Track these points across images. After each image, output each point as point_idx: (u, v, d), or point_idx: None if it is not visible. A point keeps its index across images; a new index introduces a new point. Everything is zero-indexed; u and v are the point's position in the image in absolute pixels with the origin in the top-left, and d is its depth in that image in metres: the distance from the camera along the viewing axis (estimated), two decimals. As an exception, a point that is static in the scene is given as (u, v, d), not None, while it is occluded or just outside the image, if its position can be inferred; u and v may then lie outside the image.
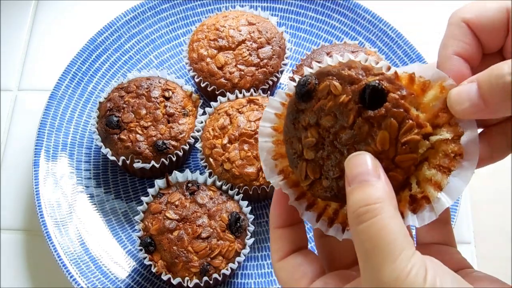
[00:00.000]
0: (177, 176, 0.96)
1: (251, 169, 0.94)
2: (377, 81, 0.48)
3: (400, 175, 0.48)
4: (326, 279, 0.50)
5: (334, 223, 0.52)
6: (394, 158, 0.47)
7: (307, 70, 0.52)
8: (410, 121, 0.47)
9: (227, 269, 0.89)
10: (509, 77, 0.42)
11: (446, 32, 0.51)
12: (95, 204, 1.04)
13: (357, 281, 0.47)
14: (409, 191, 0.49)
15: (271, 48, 1.07)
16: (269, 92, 1.08)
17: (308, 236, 0.57)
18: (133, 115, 1.01)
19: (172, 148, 1.00)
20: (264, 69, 1.05)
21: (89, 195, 1.05)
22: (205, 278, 0.87)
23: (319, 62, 0.51)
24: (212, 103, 1.03)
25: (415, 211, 0.48)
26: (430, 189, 0.48)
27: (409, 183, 0.49)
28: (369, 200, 0.43)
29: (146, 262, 0.89)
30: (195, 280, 0.87)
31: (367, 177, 0.45)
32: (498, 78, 0.43)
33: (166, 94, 1.03)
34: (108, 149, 1.00)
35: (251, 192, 0.95)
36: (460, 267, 0.52)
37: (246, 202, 0.94)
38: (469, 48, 0.50)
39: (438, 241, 0.55)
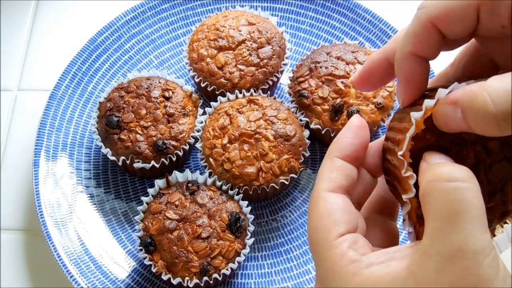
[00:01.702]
0: (177, 176, 0.96)
1: (251, 169, 0.94)
2: None
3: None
4: (358, 239, 0.45)
5: None
6: None
7: None
8: None
9: (227, 269, 0.89)
10: (492, 108, 0.38)
11: (410, 28, 0.48)
12: (95, 204, 1.04)
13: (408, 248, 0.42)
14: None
15: (271, 48, 1.07)
16: (269, 92, 1.08)
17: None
18: (133, 115, 1.01)
19: (172, 148, 1.00)
20: (264, 69, 1.05)
21: (89, 195, 1.05)
22: (205, 278, 0.87)
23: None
24: (212, 103, 1.03)
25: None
26: None
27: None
28: (462, 176, 0.39)
29: (146, 262, 0.89)
30: (195, 280, 0.87)
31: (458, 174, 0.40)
32: (483, 110, 0.39)
33: (166, 94, 1.03)
34: (108, 149, 1.00)
35: (251, 192, 0.95)
36: None
37: (246, 202, 0.94)
38: (430, 49, 0.48)
39: None
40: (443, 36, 0.46)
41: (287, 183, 0.95)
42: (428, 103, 0.45)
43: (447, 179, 0.39)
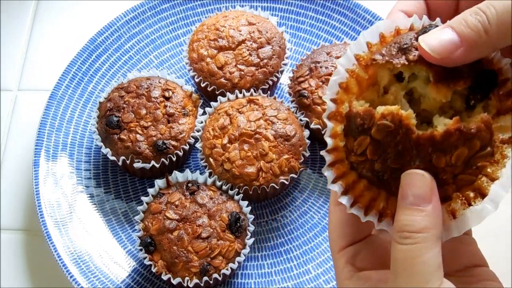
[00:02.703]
0: (177, 176, 0.96)
1: (251, 169, 0.94)
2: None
3: (452, 190, 0.49)
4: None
5: (380, 215, 0.52)
6: (458, 174, 0.48)
7: None
8: (489, 149, 0.47)
9: (227, 269, 0.89)
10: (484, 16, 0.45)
11: None
12: (95, 204, 1.04)
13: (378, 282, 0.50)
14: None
15: (271, 48, 1.07)
16: (269, 92, 1.08)
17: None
18: (133, 115, 1.01)
19: (172, 148, 1.00)
20: (264, 69, 1.05)
21: (89, 195, 1.05)
22: (205, 278, 0.87)
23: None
24: (212, 103, 1.03)
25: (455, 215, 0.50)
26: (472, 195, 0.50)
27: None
28: (415, 227, 0.45)
29: (146, 262, 0.89)
30: (195, 280, 0.87)
31: (419, 202, 0.46)
32: (475, 14, 0.45)
33: (166, 94, 1.03)
34: (108, 149, 1.00)
35: (251, 192, 0.95)
36: (471, 262, 0.53)
37: (246, 202, 0.94)
38: (418, 9, 0.53)
39: None
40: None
41: (287, 183, 0.95)
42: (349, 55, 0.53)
43: (404, 236, 0.45)
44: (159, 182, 0.95)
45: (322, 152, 0.53)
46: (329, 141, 0.52)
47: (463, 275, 0.52)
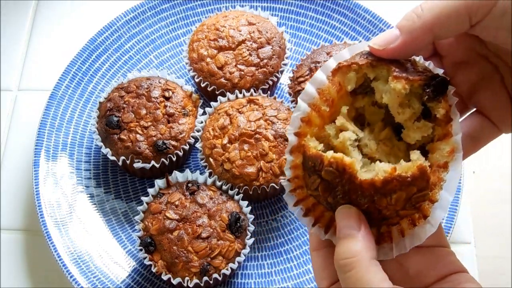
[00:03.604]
0: (177, 176, 0.96)
1: (251, 169, 0.94)
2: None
3: (396, 220, 0.55)
4: None
5: (330, 228, 0.58)
6: (399, 210, 0.54)
7: None
8: (426, 191, 0.53)
9: (227, 269, 0.89)
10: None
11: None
12: (95, 204, 1.04)
13: None
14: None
15: (271, 48, 1.07)
16: (269, 92, 1.08)
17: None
18: (133, 115, 1.01)
19: (172, 148, 1.00)
20: (264, 69, 1.05)
21: (89, 195, 1.05)
22: (205, 278, 0.87)
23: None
24: (212, 103, 1.03)
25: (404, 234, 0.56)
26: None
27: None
28: (348, 253, 0.51)
29: (146, 262, 0.89)
30: (195, 280, 0.87)
31: (349, 231, 0.53)
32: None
33: (166, 94, 1.03)
34: (108, 149, 1.00)
35: (251, 192, 0.95)
36: (450, 270, 0.56)
37: (246, 202, 0.94)
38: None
39: (431, 244, 0.59)
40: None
41: (287, 183, 0.95)
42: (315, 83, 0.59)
43: (344, 264, 0.51)
44: (159, 182, 0.95)
45: (283, 182, 0.59)
46: (288, 172, 0.58)
47: (444, 282, 0.56)
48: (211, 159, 0.96)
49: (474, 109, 0.62)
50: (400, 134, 0.57)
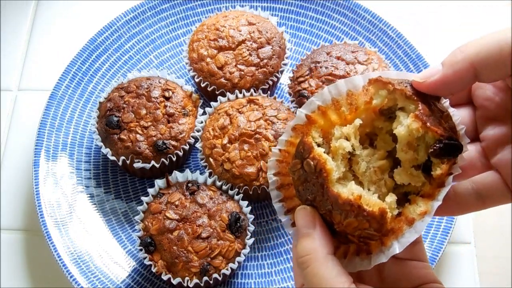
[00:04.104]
0: (177, 176, 0.96)
1: (251, 169, 0.94)
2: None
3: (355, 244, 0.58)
4: None
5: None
6: (348, 233, 0.57)
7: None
8: (377, 235, 0.56)
9: (227, 269, 0.89)
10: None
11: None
12: (95, 204, 1.04)
13: None
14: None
15: (271, 48, 1.07)
16: (269, 92, 1.08)
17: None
18: (133, 115, 1.01)
19: (172, 148, 1.00)
20: (264, 69, 1.05)
21: (89, 195, 1.05)
22: (205, 278, 0.87)
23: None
24: (212, 103, 1.03)
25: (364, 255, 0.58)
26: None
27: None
28: (304, 251, 0.54)
29: (146, 262, 0.89)
30: (195, 280, 0.87)
31: (305, 230, 0.56)
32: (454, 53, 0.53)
33: (166, 94, 1.03)
34: (108, 149, 1.00)
35: (251, 192, 0.95)
36: (423, 281, 0.59)
37: (246, 202, 0.94)
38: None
39: (410, 257, 0.62)
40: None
41: (287, 183, 0.95)
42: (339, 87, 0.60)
43: (301, 262, 0.54)
44: (159, 182, 0.95)
45: (273, 148, 0.63)
46: (281, 143, 0.62)
47: None
48: (211, 159, 0.96)
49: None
50: (395, 169, 0.58)
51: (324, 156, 0.56)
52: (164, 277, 0.88)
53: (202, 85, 1.06)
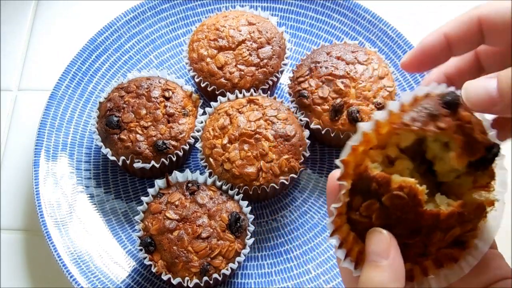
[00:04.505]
0: (177, 176, 0.96)
1: (251, 169, 0.94)
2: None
3: (430, 257, 0.54)
4: None
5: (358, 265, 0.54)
6: (442, 248, 0.53)
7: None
8: (475, 232, 0.53)
9: (227, 269, 0.89)
10: None
11: (458, 16, 0.54)
12: (95, 204, 1.04)
13: None
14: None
15: (271, 48, 1.07)
16: (269, 92, 1.08)
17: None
18: (133, 115, 1.01)
19: (172, 148, 1.00)
20: (264, 69, 1.05)
21: (89, 195, 1.05)
22: (205, 278, 0.87)
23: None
24: (212, 103, 1.03)
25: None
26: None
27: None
28: (371, 283, 0.48)
29: (146, 262, 0.89)
30: (195, 280, 0.87)
31: (377, 258, 0.49)
32: None
33: (166, 94, 1.03)
34: (108, 149, 1.00)
35: (251, 192, 0.95)
36: (497, 276, 0.54)
37: (246, 202, 0.94)
38: (463, 35, 0.55)
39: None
40: (479, 37, 0.52)
41: (287, 183, 0.95)
42: (378, 115, 0.51)
43: (364, 286, 0.48)
44: (159, 182, 0.95)
45: (332, 207, 0.54)
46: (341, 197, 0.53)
47: None
48: (211, 159, 0.96)
49: None
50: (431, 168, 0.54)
51: (409, 179, 0.50)
52: (164, 277, 0.88)
53: (202, 85, 1.06)
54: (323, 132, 1.01)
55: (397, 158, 0.53)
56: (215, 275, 0.88)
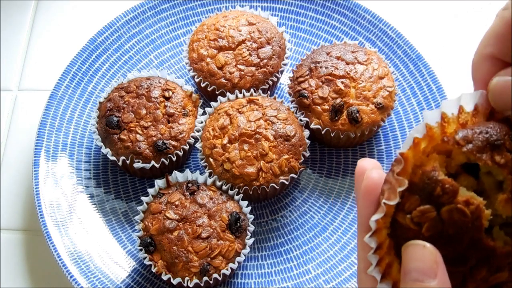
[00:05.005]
0: (177, 176, 0.96)
1: (251, 169, 0.94)
2: None
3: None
4: None
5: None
6: (489, 277, 0.45)
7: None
8: None
9: (227, 269, 0.89)
10: None
11: (491, 28, 0.47)
12: (95, 204, 1.04)
13: None
14: None
15: (271, 48, 1.07)
16: (269, 92, 1.08)
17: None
18: (133, 115, 1.01)
19: (172, 148, 1.00)
20: (264, 69, 1.05)
21: (89, 195, 1.05)
22: (205, 278, 0.87)
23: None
24: (212, 103, 1.03)
25: None
26: None
27: None
28: None
29: (146, 262, 0.89)
30: (195, 280, 0.87)
31: (420, 276, 0.42)
32: None
33: (166, 94, 1.03)
34: (108, 149, 1.00)
35: (251, 192, 0.95)
36: None
37: (246, 202, 0.94)
38: (509, 51, 0.46)
39: None
40: None
41: (287, 183, 0.95)
42: (446, 106, 0.45)
43: None
44: (159, 182, 0.95)
45: (373, 218, 0.48)
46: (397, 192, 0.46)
47: None
48: (211, 159, 0.96)
49: None
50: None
51: (478, 197, 0.43)
52: (164, 277, 0.88)
53: (202, 85, 1.06)
54: (323, 132, 1.01)
55: (458, 172, 0.46)
56: (215, 275, 0.88)
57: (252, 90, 1.03)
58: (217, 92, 1.05)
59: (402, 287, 0.43)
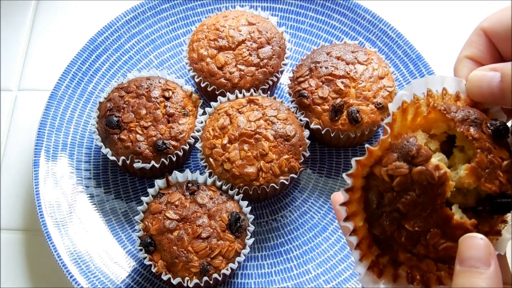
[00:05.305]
0: (177, 176, 0.96)
1: (251, 169, 0.94)
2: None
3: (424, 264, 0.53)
4: None
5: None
6: (425, 257, 0.52)
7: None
8: None
9: (227, 269, 0.89)
10: None
11: (467, 39, 0.58)
12: (95, 204, 1.04)
13: None
14: None
15: (271, 48, 1.07)
16: (269, 92, 1.08)
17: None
18: (133, 115, 1.01)
19: (172, 148, 1.00)
20: (264, 69, 1.05)
21: (89, 195, 1.05)
22: (205, 278, 0.87)
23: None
24: (212, 103, 1.03)
25: None
26: None
27: None
28: None
29: (146, 262, 0.89)
30: (195, 280, 0.87)
31: (477, 264, 0.47)
32: None
33: (166, 94, 1.03)
34: (108, 149, 1.00)
35: (251, 192, 0.95)
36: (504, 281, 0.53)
37: (246, 202, 0.94)
38: (481, 53, 0.56)
39: None
40: (493, 43, 0.55)
41: (287, 183, 0.95)
42: (415, 85, 0.54)
43: None
44: (159, 182, 0.95)
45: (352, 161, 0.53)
46: (348, 180, 0.53)
47: None
48: (211, 159, 0.96)
49: None
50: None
51: (447, 169, 0.49)
52: (164, 277, 0.88)
53: (202, 85, 1.06)
54: (323, 132, 1.01)
55: (434, 151, 0.53)
56: (215, 275, 0.88)
57: (252, 90, 1.03)
58: (217, 92, 1.05)
59: (458, 274, 0.47)
